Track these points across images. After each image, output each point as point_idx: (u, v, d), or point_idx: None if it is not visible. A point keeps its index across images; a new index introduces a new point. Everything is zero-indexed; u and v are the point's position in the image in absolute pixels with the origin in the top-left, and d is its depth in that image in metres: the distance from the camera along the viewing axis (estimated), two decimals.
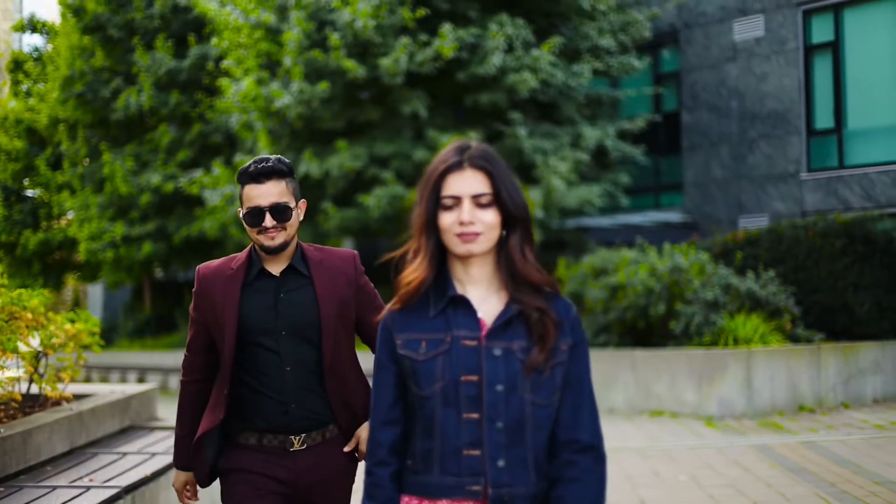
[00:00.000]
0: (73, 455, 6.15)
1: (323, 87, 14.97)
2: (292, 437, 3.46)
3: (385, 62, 14.70)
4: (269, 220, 3.41)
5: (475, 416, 2.46)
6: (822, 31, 18.26)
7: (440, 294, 2.56)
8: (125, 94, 20.87)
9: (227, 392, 3.47)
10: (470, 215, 2.49)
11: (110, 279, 23.51)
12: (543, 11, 16.98)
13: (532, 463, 2.50)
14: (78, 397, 7.01)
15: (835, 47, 17.98)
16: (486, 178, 2.52)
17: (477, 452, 2.46)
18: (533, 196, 14.91)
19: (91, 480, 5.41)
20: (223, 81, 17.35)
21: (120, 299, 29.19)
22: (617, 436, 10.36)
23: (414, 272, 2.56)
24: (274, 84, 15.79)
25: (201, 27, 20.73)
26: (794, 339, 13.12)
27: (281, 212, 3.42)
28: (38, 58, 26.96)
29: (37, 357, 6.25)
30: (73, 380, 6.71)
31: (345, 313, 3.53)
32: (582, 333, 2.59)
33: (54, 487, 5.18)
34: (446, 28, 14.81)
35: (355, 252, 3.65)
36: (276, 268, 3.52)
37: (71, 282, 29.71)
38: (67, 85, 21.87)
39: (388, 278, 2.73)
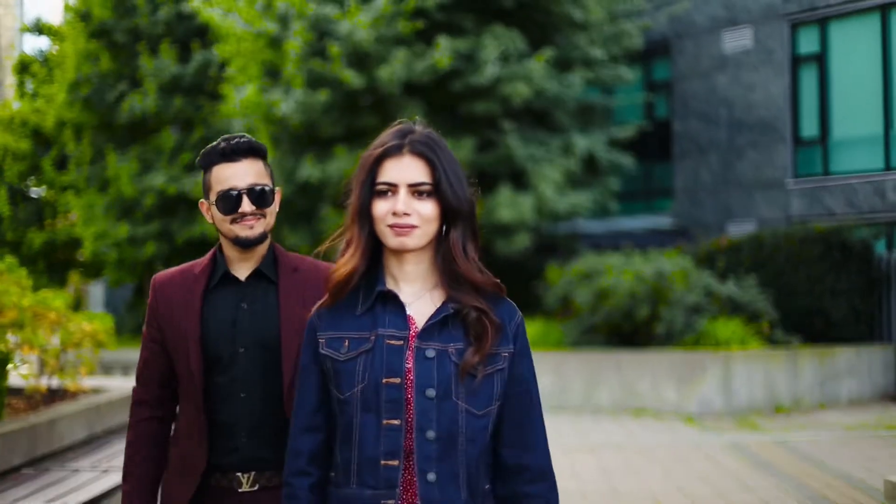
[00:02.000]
0: (92, 442, 6.73)
1: (323, 95, 15.52)
2: (240, 475, 2.88)
3: (383, 72, 15.26)
4: (247, 205, 2.87)
5: (396, 422, 2.25)
6: (808, 42, 18.81)
7: (370, 290, 2.36)
8: (130, 97, 21.43)
9: (203, 418, 2.90)
10: (405, 205, 2.29)
11: (113, 277, 24.07)
12: (537, 23, 17.51)
13: (464, 479, 2.29)
14: (94, 390, 7.58)
15: (820, 59, 18.52)
16: (427, 166, 2.31)
17: (395, 463, 2.24)
18: (524, 202, 15.45)
19: (108, 464, 5.97)
20: (226, 88, 17.92)
21: (121, 297, 29.73)
22: (599, 431, 10.91)
23: (344, 264, 2.35)
24: (275, 91, 16.35)
25: (204, 34, 21.27)
26: (773, 342, 13.69)
27: (261, 195, 2.88)
28: (44, 60, 27.51)
29: (58, 354, 6.82)
30: (89, 374, 7.27)
31: None
32: (526, 342, 2.40)
33: (76, 470, 5.74)
34: (442, 41, 15.36)
35: None
36: (242, 271, 2.98)
37: (73, 280, 30.25)
38: (74, 88, 22.42)
39: None
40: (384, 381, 2.27)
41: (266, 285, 2.96)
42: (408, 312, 2.34)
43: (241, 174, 2.88)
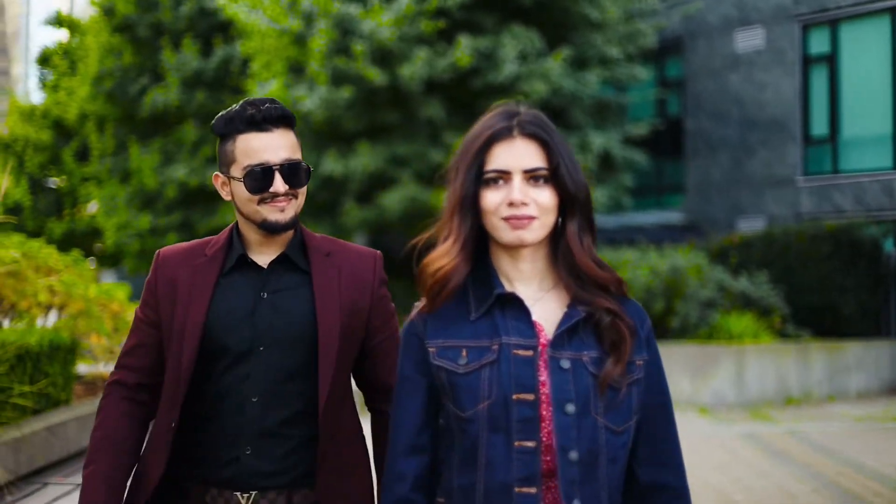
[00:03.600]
0: None
1: (347, 92, 15.93)
2: (239, 494, 2.44)
3: (405, 70, 15.66)
4: (280, 183, 2.42)
5: (530, 444, 1.97)
6: (819, 43, 19.17)
7: (483, 292, 2.08)
8: (152, 91, 21.84)
9: (174, 425, 2.43)
10: (522, 194, 2.03)
11: (131, 266, 24.53)
12: (555, 22, 17.89)
13: (606, 503, 2.02)
14: None
15: (831, 59, 18.88)
16: (542, 149, 2.05)
17: (534, 490, 1.96)
18: None
19: None
20: (249, 83, 18.32)
21: (137, 285, 30.17)
22: None
23: (441, 259, 2.06)
24: (300, 87, 16.76)
25: (227, 29, 21.67)
26: (784, 336, 14.11)
27: (296, 172, 2.45)
28: (65, 53, 27.94)
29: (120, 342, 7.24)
30: None
31: (352, 330, 2.51)
32: (657, 348, 2.14)
33: None
34: (463, 39, 15.75)
35: (378, 252, 2.64)
36: (263, 256, 2.52)
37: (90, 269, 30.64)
38: (97, 82, 22.85)
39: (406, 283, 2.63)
40: (515, 397, 1.98)
41: (294, 274, 2.51)
42: (534, 318, 2.05)
43: (273, 146, 2.42)
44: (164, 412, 2.47)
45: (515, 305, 2.06)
